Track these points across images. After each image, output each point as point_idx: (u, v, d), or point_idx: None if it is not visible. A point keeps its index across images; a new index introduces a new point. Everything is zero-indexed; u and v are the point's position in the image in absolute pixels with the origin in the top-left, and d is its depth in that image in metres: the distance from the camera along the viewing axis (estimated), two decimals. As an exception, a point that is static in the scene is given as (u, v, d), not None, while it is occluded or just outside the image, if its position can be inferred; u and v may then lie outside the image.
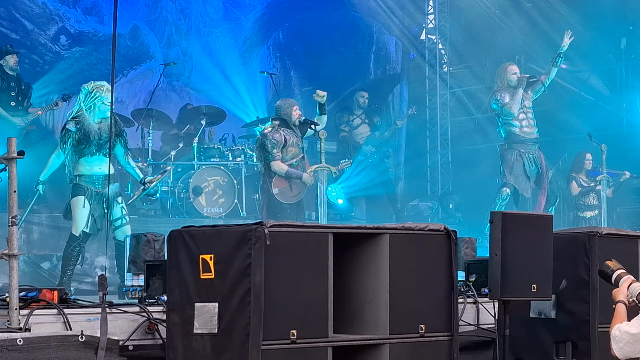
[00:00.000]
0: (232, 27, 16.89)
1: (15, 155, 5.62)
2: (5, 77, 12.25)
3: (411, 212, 15.79)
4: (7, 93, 12.25)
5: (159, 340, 5.97)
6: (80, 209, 9.13)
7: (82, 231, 9.12)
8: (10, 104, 12.27)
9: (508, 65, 12.93)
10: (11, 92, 12.28)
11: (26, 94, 12.48)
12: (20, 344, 5.28)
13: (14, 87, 12.28)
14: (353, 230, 6.00)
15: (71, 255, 9.14)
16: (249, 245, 5.35)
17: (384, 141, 15.73)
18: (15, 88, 12.30)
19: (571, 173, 14.49)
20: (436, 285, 6.08)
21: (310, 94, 16.27)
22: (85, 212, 9.12)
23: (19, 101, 12.36)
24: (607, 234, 6.67)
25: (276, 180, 11.18)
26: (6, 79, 12.26)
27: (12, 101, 12.27)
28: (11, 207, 5.58)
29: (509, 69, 12.77)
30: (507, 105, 12.51)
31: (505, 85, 12.62)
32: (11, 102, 12.27)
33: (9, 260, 5.57)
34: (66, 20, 15.03)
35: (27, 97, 12.48)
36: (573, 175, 14.42)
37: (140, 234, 7.40)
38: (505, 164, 12.68)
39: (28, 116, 12.39)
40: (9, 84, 12.27)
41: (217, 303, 5.45)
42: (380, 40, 17.95)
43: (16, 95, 12.32)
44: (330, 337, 5.63)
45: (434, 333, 6.02)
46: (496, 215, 6.23)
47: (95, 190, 9.13)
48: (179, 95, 16.08)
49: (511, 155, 12.64)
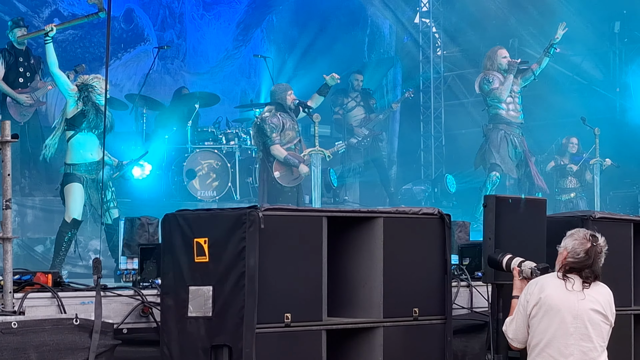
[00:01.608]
0: (225, 10, 16.85)
1: (9, 138, 5.62)
2: (13, 52, 11.84)
3: (404, 195, 15.80)
4: (14, 69, 11.88)
5: (153, 323, 5.99)
6: (74, 197, 9.13)
7: (73, 218, 9.12)
8: (19, 81, 11.91)
9: (498, 49, 12.90)
10: (19, 67, 11.91)
11: (36, 68, 12.04)
12: (15, 327, 5.29)
13: (22, 63, 11.91)
14: (347, 214, 6.01)
15: (62, 241, 9.15)
16: (243, 228, 5.36)
17: (378, 124, 15.73)
18: (24, 63, 11.97)
19: (555, 155, 14.58)
20: (430, 268, 6.11)
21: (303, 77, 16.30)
22: (79, 199, 9.13)
23: (27, 77, 11.97)
24: (600, 217, 6.69)
25: (276, 164, 11.29)
26: (14, 54, 11.85)
27: (20, 77, 11.91)
28: (5, 190, 5.58)
29: (499, 52, 12.74)
30: (497, 90, 12.51)
31: (496, 68, 12.61)
32: (19, 79, 11.91)
33: (3, 244, 5.57)
34: (59, 2, 14.98)
35: (36, 72, 12.04)
36: (555, 157, 14.55)
37: (135, 218, 7.40)
38: (491, 144, 12.64)
39: (37, 92, 12.01)
40: (17, 58, 11.88)
41: (212, 286, 5.46)
42: (374, 24, 17.92)
43: (24, 71, 11.99)
44: (324, 321, 5.65)
45: (428, 316, 6.05)
46: (490, 199, 6.24)
47: (90, 178, 9.15)
48: (173, 79, 16.05)
49: (497, 135, 12.61)
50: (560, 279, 5.47)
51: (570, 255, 5.46)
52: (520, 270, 5.77)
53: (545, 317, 5.44)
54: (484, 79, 12.64)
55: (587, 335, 5.43)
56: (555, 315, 5.42)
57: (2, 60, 11.80)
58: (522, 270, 5.76)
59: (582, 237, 5.47)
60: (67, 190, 9.18)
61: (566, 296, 5.43)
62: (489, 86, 12.56)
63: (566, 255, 5.48)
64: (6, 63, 11.82)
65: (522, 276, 5.75)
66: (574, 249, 5.45)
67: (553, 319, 5.42)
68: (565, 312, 5.42)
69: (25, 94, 11.90)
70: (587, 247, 5.44)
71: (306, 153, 11.35)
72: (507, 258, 5.89)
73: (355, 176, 15.54)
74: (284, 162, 11.22)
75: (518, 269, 5.79)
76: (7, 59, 11.83)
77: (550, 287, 5.46)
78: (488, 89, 12.58)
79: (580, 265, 5.45)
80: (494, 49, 12.95)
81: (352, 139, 14.96)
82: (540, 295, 5.44)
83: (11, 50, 11.87)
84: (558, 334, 5.42)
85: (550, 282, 5.49)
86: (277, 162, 11.26)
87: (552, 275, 5.53)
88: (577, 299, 5.44)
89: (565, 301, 5.43)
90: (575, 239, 5.48)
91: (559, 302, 5.42)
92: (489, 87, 12.56)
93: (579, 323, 5.43)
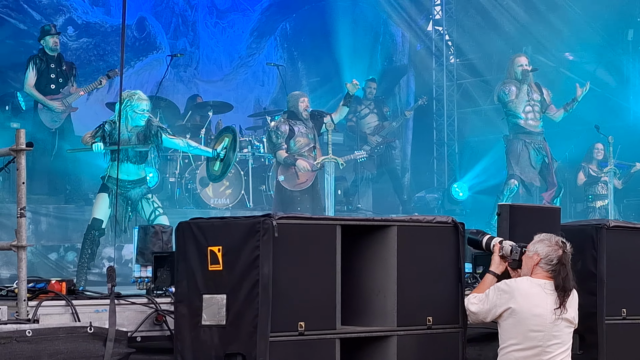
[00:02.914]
0: (239, 18, 16.89)
1: (23, 147, 5.61)
2: (44, 59, 11.88)
3: (417, 203, 15.79)
4: (46, 76, 11.91)
5: (167, 331, 5.98)
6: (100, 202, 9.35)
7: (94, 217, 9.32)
8: (51, 87, 11.93)
9: (516, 56, 12.89)
10: (51, 74, 11.92)
11: (68, 75, 12.06)
12: (29, 335, 5.29)
13: (54, 69, 11.92)
14: (361, 222, 6.00)
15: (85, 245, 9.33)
16: (257, 237, 5.35)
17: (391, 132, 15.73)
18: (55, 69, 11.94)
19: (582, 163, 14.50)
20: (444, 277, 6.09)
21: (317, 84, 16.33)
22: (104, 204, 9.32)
23: (59, 83, 11.99)
24: (615, 226, 6.66)
25: (281, 168, 11.43)
26: (45, 61, 11.88)
27: (52, 84, 11.92)
28: (20, 198, 5.58)
29: (515, 60, 12.74)
30: (512, 103, 12.51)
31: (513, 77, 12.60)
32: (51, 85, 11.92)
33: (17, 252, 5.57)
34: (73, 11, 15.04)
35: (69, 78, 12.06)
36: (582, 165, 14.44)
37: (148, 226, 7.41)
38: (511, 155, 12.65)
39: (69, 98, 12.00)
40: (48, 65, 11.90)
41: (225, 295, 5.45)
42: (387, 32, 17.93)
43: (56, 77, 11.96)
44: (338, 329, 5.63)
45: (442, 325, 6.03)
46: (504, 208, 6.23)
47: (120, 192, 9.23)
48: (186, 86, 16.10)
49: (517, 146, 12.62)
50: (534, 285, 5.63)
51: (544, 261, 5.64)
52: (501, 247, 5.95)
53: (517, 324, 5.63)
54: (502, 90, 12.65)
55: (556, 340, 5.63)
56: (526, 321, 5.60)
57: (33, 66, 11.83)
58: (502, 247, 5.94)
59: (555, 244, 5.67)
60: (99, 199, 9.42)
61: (537, 303, 5.59)
62: (506, 97, 12.57)
63: (538, 261, 5.65)
64: (37, 69, 11.85)
65: (502, 253, 5.93)
66: (548, 255, 5.65)
67: (523, 325, 5.61)
68: (536, 319, 5.59)
69: (57, 101, 11.93)
70: (560, 254, 5.63)
71: (319, 161, 11.42)
72: (487, 237, 6.06)
73: (368, 184, 15.54)
74: (284, 163, 11.41)
75: (499, 245, 5.96)
76: (38, 66, 11.87)
77: (522, 295, 5.62)
78: (505, 100, 12.58)
79: (553, 272, 5.61)
80: (513, 57, 12.95)
81: (366, 146, 14.96)
82: (510, 305, 5.63)
83: (42, 56, 11.92)
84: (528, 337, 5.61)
85: (522, 288, 5.64)
86: (280, 165, 11.47)
87: (525, 281, 5.68)
88: (548, 306, 5.59)
89: (535, 307, 5.60)
90: (549, 246, 5.66)
91: (530, 309, 5.60)
92: (506, 98, 12.57)
93: (548, 329, 5.60)
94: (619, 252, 6.55)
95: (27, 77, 11.87)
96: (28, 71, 11.87)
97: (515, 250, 5.87)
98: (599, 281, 6.49)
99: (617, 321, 6.53)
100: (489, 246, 6.04)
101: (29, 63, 11.88)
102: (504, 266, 5.95)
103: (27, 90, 11.96)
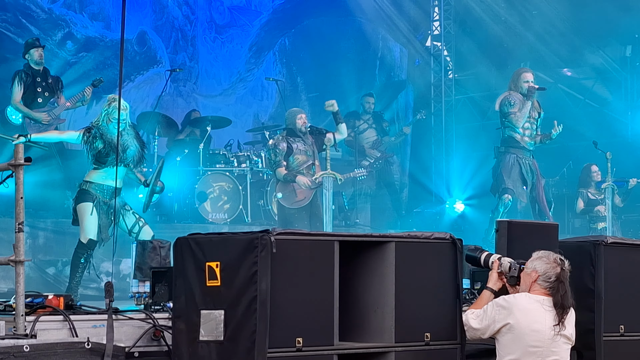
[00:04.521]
0: (238, 33, 16.92)
1: (22, 162, 5.62)
2: (30, 73, 11.80)
3: (416, 218, 15.78)
4: (32, 89, 11.82)
5: (165, 347, 5.97)
6: (88, 216, 9.15)
7: (89, 239, 9.13)
8: (38, 101, 11.84)
9: (523, 71, 12.70)
10: (37, 87, 11.83)
11: (54, 88, 11.97)
12: (27, 350, 5.29)
13: (39, 83, 11.84)
14: (359, 238, 6.00)
15: (79, 263, 9.17)
16: (255, 253, 5.36)
17: (390, 147, 15.73)
18: (41, 83, 11.85)
19: (579, 189, 14.29)
20: (442, 293, 6.09)
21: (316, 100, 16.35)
22: (93, 219, 9.14)
23: (45, 97, 11.90)
24: (613, 242, 6.66)
25: (280, 185, 11.43)
26: (31, 74, 11.80)
27: (39, 97, 11.83)
28: (18, 213, 5.58)
29: (522, 75, 12.46)
30: (514, 116, 12.33)
31: (519, 90, 12.42)
32: (38, 99, 11.84)
33: (15, 267, 5.56)
34: (72, 25, 15.06)
35: (54, 92, 11.96)
36: (580, 191, 14.23)
37: (146, 241, 7.40)
38: (503, 168, 12.51)
39: (55, 110, 11.91)
40: (34, 79, 11.82)
41: (223, 310, 5.45)
42: (385, 47, 17.97)
43: (42, 91, 11.86)
44: (336, 345, 5.63)
45: (440, 341, 6.03)
46: (502, 224, 6.25)
47: (103, 200, 9.16)
48: (185, 101, 16.12)
49: (508, 159, 12.49)
50: (532, 301, 5.66)
51: (542, 278, 5.68)
52: (499, 263, 5.97)
53: (516, 340, 5.66)
54: (506, 99, 12.38)
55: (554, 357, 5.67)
56: (525, 337, 5.63)
57: (20, 81, 11.76)
58: (501, 264, 5.96)
59: (553, 261, 5.70)
60: (81, 210, 9.20)
61: (535, 319, 5.63)
62: (508, 108, 12.37)
63: (537, 278, 5.69)
64: (23, 84, 11.78)
65: (501, 269, 5.95)
66: (546, 272, 5.66)
67: (522, 341, 5.64)
68: (534, 334, 5.62)
69: (43, 112, 11.88)
70: (558, 272, 5.66)
71: (318, 176, 11.42)
72: (485, 254, 6.09)
73: (366, 199, 15.53)
74: (283, 180, 11.41)
75: (498, 262, 5.98)
76: (24, 80, 11.78)
77: (521, 311, 5.66)
78: (507, 111, 12.38)
79: (551, 289, 5.65)
80: (518, 71, 12.79)
81: (364, 161, 14.96)
82: (509, 320, 5.67)
83: (28, 71, 11.84)
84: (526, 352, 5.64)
85: (521, 304, 5.67)
86: (279, 183, 11.47)
87: (524, 296, 5.71)
88: (546, 322, 5.63)
89: (534, 323, 5.63)
90: (547, 263, 5.70)
91: (529, 324, 5.63)
92: (508, 109, 12.38)
93: (546, 345, 5.63)
94: (616, 268, 6.56)
95: (14, 93, 11.78)
96: (14, 86, 11.78)
97: (514, 267, 5.89)
98: (596, 297, 6.49)
99: (615, 338, 6.54)
100: (487, 263, 6.05)
101: (15, 78, 11.79)
102: (502, 283, 5.96)
103: (13, 106, 11.89)
